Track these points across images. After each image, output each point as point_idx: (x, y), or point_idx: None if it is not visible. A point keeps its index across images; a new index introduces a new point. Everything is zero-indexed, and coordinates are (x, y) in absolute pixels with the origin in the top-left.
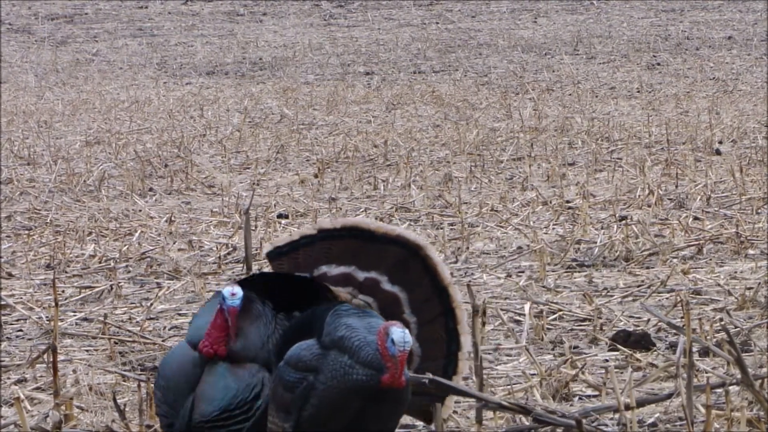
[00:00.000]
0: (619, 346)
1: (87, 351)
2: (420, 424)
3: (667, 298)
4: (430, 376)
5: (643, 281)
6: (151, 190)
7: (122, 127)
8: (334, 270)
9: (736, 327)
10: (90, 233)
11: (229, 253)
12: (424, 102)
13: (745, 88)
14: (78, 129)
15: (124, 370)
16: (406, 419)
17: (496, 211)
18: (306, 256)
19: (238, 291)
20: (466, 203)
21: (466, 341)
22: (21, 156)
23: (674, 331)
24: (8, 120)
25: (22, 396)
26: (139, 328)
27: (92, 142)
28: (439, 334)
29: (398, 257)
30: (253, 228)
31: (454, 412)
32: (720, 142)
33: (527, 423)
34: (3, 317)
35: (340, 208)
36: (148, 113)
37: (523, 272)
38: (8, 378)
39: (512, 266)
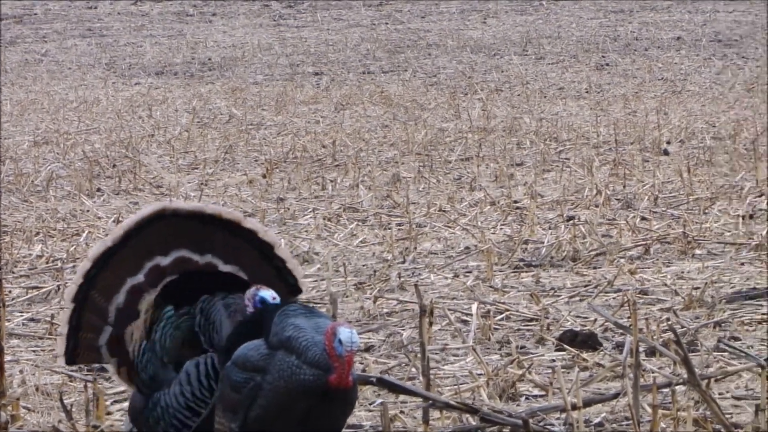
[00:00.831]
0: (565, 346)
1: (34, 351)
2: (367, 423)
3: (614, 298)
4: (378, 375)
5: (590, 281)
6: (99, 190)
7: (70, 127)
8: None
9: (682, 327)
10: (37, 233)
11: None
12: (373, 102)
13: (693, 88)
14: (26, 129)
15: (71, 371)
16: (352, 419)
17: (444, 211)
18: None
19: (274, 293)
20: (414, 203)
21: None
22: None
23: (621, 331)
24: None
25: None
26: None
27: (40, 143)
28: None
29: (160, 231)
30: None
31: (401, 411)
32: (668, 143)
33: (474, 423)
34: None
35: (288, 209)
36: (96, 113)
37: (470, 272)
38: None
39: (460, 266)
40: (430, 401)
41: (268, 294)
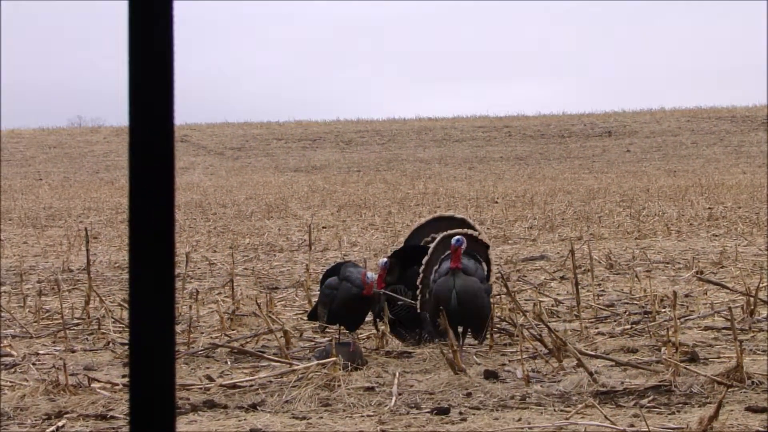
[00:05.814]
0: None
1: (245, 282)
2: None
3: None
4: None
5: None
6: (271, 217)
7: (264, 192)
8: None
9: (504, 272)
10: (246, 235)
11: (302, 243)
12: (379, 182)
13: (508, 177)
14: (240, 194)
15: (262, 288)
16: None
17: (408, 225)
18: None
19: (461, 237)
20: (397, 222)
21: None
22: (223, 205)
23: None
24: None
25: (219, 300)
26: (266, 272)
27: (249, 197)
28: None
29: (432, 224)
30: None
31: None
32: (498, 199)
33: None
34: (211, 269)
35: (344, 221)
36: (270, 189)
37: None
38: (213, 292)
39: None
40: None
41: (455, 238)
